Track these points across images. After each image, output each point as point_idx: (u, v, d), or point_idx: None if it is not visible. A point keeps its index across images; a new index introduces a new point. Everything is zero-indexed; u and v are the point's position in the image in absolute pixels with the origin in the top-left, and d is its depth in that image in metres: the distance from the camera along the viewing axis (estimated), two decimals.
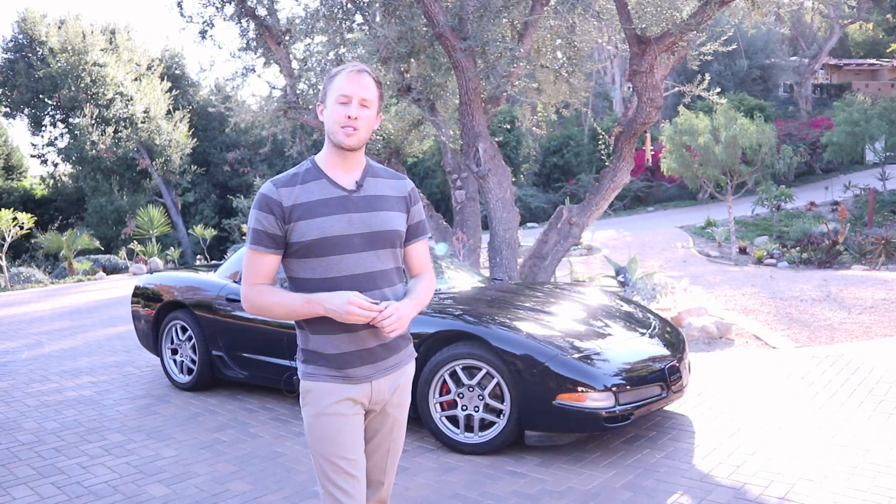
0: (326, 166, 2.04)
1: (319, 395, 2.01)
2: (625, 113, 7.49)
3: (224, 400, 5.10)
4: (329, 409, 1.99)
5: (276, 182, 2.01)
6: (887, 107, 18.93)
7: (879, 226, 14.36)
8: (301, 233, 1.95)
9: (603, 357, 3.76)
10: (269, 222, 1.97)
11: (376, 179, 2.08)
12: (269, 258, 2.00)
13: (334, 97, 1.98)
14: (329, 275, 1.98)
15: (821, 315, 7.31)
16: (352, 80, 1.97)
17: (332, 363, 2.01)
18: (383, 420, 2.12)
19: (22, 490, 3.56)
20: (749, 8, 6.58)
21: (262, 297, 1.99)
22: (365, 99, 1.98)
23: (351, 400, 2.01)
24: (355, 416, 2.02)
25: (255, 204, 2.00)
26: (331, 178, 2.02)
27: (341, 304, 1.90)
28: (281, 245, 1.99)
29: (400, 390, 2.13)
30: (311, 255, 1.97)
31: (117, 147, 25.18)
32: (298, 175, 2.02)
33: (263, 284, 2.00)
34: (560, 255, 7.32)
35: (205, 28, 8.51)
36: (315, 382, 2.02)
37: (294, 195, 1.97)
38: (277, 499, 3.35)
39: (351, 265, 1.98)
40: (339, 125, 1.97)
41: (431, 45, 7.18)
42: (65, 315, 9.77)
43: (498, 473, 3.55)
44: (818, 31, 34.00)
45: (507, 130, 22.84)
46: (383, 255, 2.04)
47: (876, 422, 4.01)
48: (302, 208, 1.96)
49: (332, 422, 1.99)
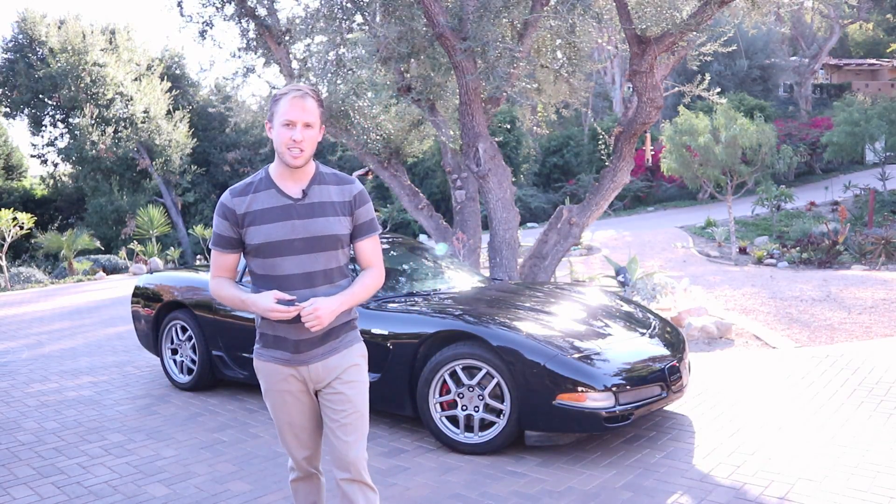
0: (277, 177, 2.30)
1: (266, 373, 2.37)
2: (625, 113, 7.49)
3: (224, 400, 5.09)
4: (275, 385, 2.36)
5: (233, 191, 2.31)
6: (887, 107, 18.93)
7: (879, 226, 14.36)
8: (251, 237, 2.25)
9: (603, 357, 3.76)
10: (225, 227, 2.28)
11: (322, 187, 2.31)
12: (226, 257, 2.33)
13: (280, 120, 2.21)
14: (274, 273, 2.26)
15: (821, 315, 7.30)
16: (295, 106, 2.19)
17: (275, 346, 2.33)
18: (334, 396, 2.32)
19: (22, 490, 3.56)
20: (749, 8, 6.58)
21: (219, 288, 2.34)
22: (308, 122, 2.21)
23: (293, 377, 2.33)
24: (300, 393, 2.35)
25: (216, 210, 2.31)
26: (279, 188, 2.28)
27: (264, 307, 2.18)
28: (237, 245, 2.31)
29: (346, 370, 2.33)
30: (259, 256, 2.27)
31: (117, 147, 25.17)
32: (252, 185, 2.30)
33: (222, 277, 2.36)
34: (560, 255, 7.32)
35: (205, 28, 8.52)
36: (262, 363, 2.38)
37: (246, 203, 2.26)
38: (277, 499, 3.35)
39: (292, 266, 2.25)
40: (286, 147, 2.20)
41: (431, 45, 7.18)
42: (65, 315, 9.77)
43: (498, 473, 3.55)
44: (818, 31, 33.99)
45: (507, 130, 22.83)
46: (324, 256, 2.28)
47: (876, 422, 4.01)
48: (252, 216, 2.25)
49: (277, 396, 2.37)
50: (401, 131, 9.31)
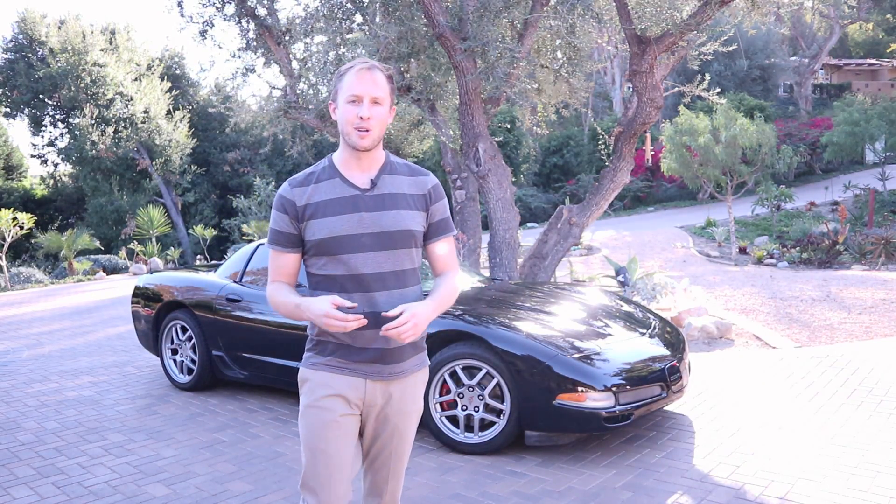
0: (342, 165, 2.04)
1: (314, 386, 2.02)
2: (625, 113, 7.49)
3: (224, 400, 5.10)
4: (320, 402, 1.99)
5: (292, 182, 2.04)
6: (887, 107, 18.93)
7: (879, 226, 14.36)
8: (312, 231, 1.98)
9: (603, 357, 3.76)
10: (284, 222, 2.01)
11: (394, 177, 2.06)
12: (286, 256, 2.04)
13: (345, 97, 1.97)
14: (338, 272, 1.99)
15: (821, 315, 7.30)
16: (362, 79, 1.95)
17: (334, 353, 2.01)
18: (383, 425, 2.08)
19: (22, 490, 3.56)
20: (749, 8, 6.58)
21: (274, 294, 2.04)
22: (376, 97, 1.96)
23: (343, 398, 2.00)
24: (345, 417, 2.00)
25: (274, 204, 2.04)
26: (344, 177, 2.02)
27: (318, 313, 1.88)
28: (297, 244, 2.03)
29: (403, 398, 2.07)
30: (322, 254, 1.99)
31: (117, 147, 25.19)
32: (314, 174, 2.04)
33: (280, 282, 2.06)
34: (560, 255, 7.32)
35: (205, 28, 8.52)
36: (313, 371, 2.03)
37: (307, 195, 2.00)
38: (277, 499, 3.35)
39: (359, 264, 1.97)
40: (351, 126, 1.96)
41: (431, 45, 7.18)
42: (65, 315, 9.77)
43: (498, 473, 3.55)
44: (818, 31, 33.99)
45: (507, 130, 22.84)
46: (396, 255, 2.01)
47: (876, 422, 4.01)
48: (313, 207, 1.99)
49: (321, 415, 1.99)
50: (401, 131, 9.32)
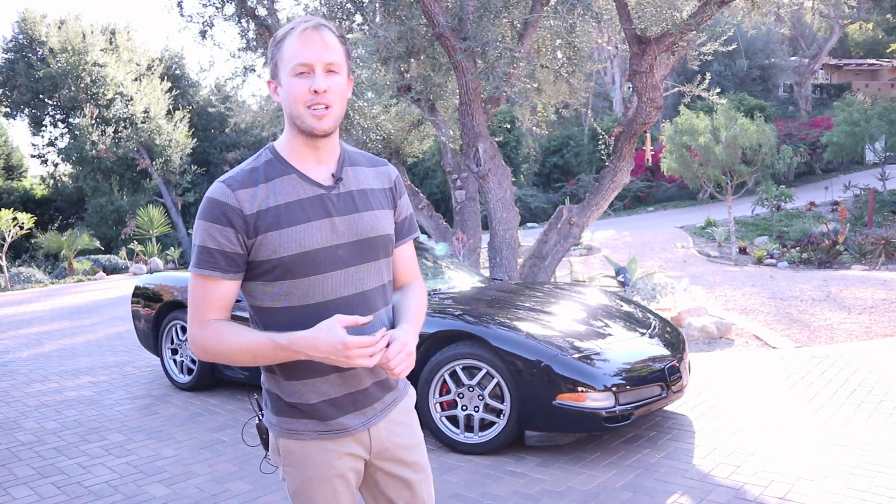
0: (293, 157, 1.53)
1: (312, 460, 1.55)
2: (625, 113, 7.49)
3: (224, 400, 5.10)
4: (322, 471, 1.55)
5: (230, 182, 1.48)
6: (887, 107, 18.93)
7: (879, 226, 14.36)
8: (273, 248, 1.46)
9: (603, 357, 3.76)
10: (226, 237, 1.45)
11: (356, 168, 1.60)
12: (225, 285, 1.48)
13: (289, 68, 1.46)
14: (310, 300, 1.49)
15: (821, 315, 7.30)
16: (309, 42, 1.45)
17: (318, 414, 1.54)
18: (392, 481, 1.65)
19: (22, 490, 3.56)
20: (749, 8, 6.58)
21: (218, 340, 1.47)
22: (331, 63, 1.47)
23: (350, 455, 1.58)
24: (354, 473, 1.61)
25: (204, 213, 1.47)
26: (301, 173, 1.52)
27: (329, 349, 1.39)
28: (241, 266, 1.49)
29: (407, 428, 1.67)
30: (286, 277, 1.48)
31: (117, 147, 25.17)
32: (258, 170, 1.50)
33: (218, 321, 1.49)
34: (560, 255, 7.32)
35: (205, 28, 8.51)
36: (299, 442, 1.55)
37: (258, 198, 1.47)
38: (277, 499, 3.35)
39: (338, 285, 1.51)
40: (303, 104, 1.46)
41: (431, 45, 7.18)
42: (65, 315, 9.77)
43: (498, 473, 3.55)
44: (818, 31, 34.00)
45: (507, 130, 22.84)
46: (375, 267, 1.58)
47: (876, 422, 4.01)
48: (272, 214, 1.46)
49: (325, 486, 1.56)
50: (401, 131, 9.32)
